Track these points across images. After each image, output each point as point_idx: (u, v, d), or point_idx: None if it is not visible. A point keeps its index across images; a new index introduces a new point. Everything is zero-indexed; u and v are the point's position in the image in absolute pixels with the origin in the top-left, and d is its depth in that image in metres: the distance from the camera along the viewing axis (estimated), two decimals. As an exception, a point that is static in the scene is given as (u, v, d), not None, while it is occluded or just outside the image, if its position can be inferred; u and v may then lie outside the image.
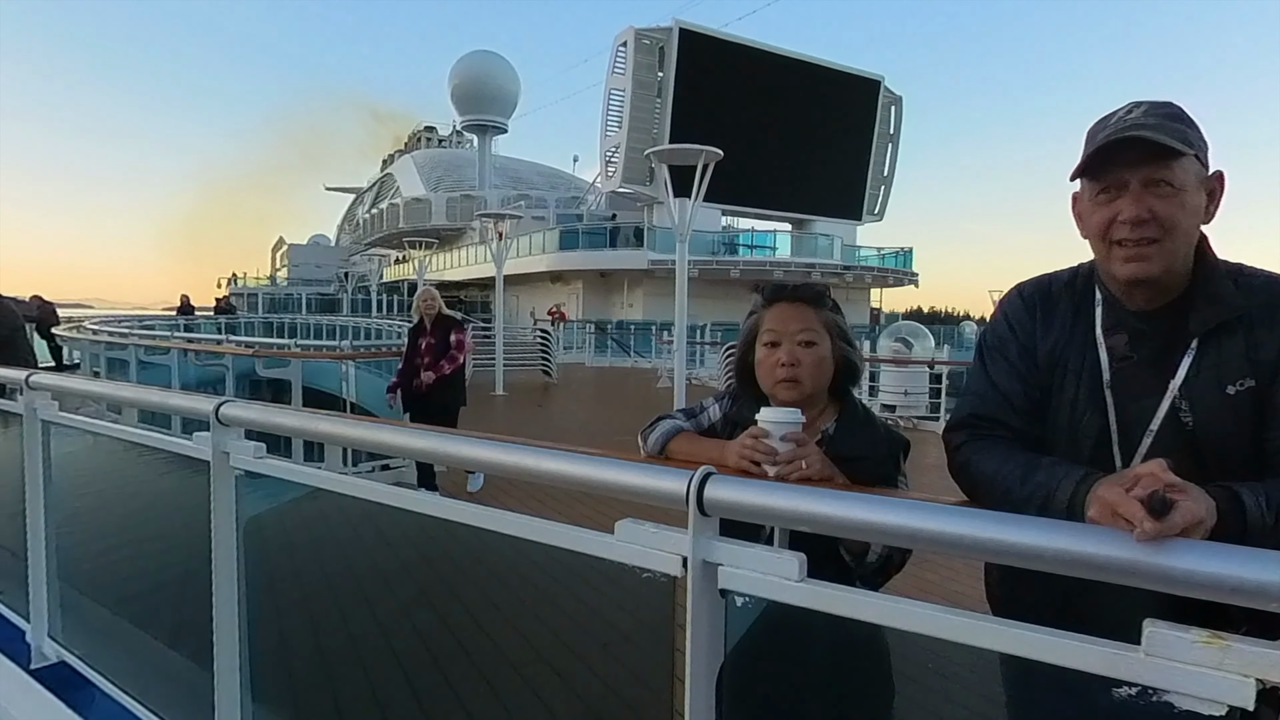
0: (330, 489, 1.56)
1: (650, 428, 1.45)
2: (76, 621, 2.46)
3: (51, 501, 2.47)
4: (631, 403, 12.92)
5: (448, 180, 45.56)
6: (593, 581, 1.08)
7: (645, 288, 27.63)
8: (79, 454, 2.56)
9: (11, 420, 2.70)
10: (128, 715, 2.06)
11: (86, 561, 2.54)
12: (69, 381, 2.62)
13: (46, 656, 2.44)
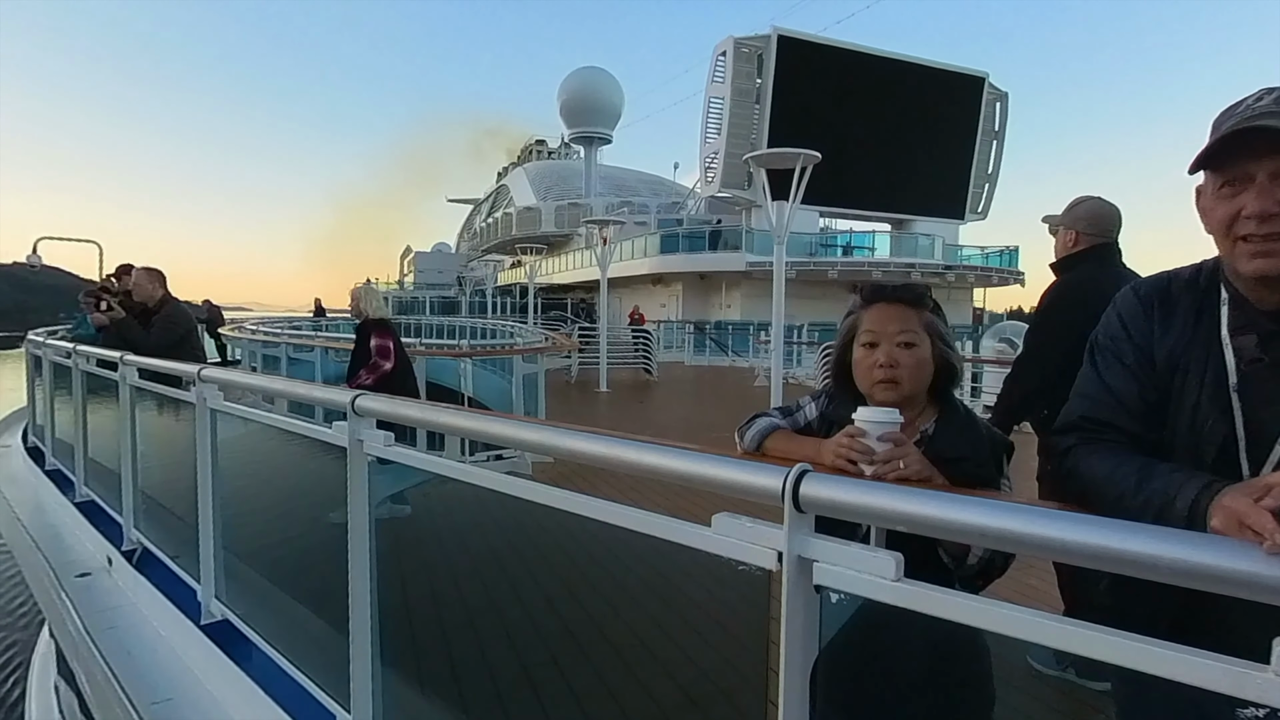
0: (450, 476, 1.62)
1: (747, 425, 1.43)
2: (237, 585, 2.64)
3: (217, 479, 2.68)
4: (729, 401, 12.83)
5: (556, 190, 46.61)
6: (689, 571, 1.07)
7: (743, 289, 27.34)
8: (239, 438, 2.76)
9: (184, 408, 2.95)
10: (276, 669, 2.21)
11: (245, 532, 2.72)
12: (232, 375, 2.84)
13: (213, 614, 2.64)
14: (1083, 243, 2.73)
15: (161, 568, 3.16)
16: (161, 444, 3.45)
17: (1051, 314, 2.71)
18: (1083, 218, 2.75)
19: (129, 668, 2.54)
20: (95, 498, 4.27)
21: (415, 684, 1.75)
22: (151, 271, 5.21)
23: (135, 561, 3.35)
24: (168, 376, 3.20)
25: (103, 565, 3.55)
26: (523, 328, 16.54)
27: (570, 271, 35.73)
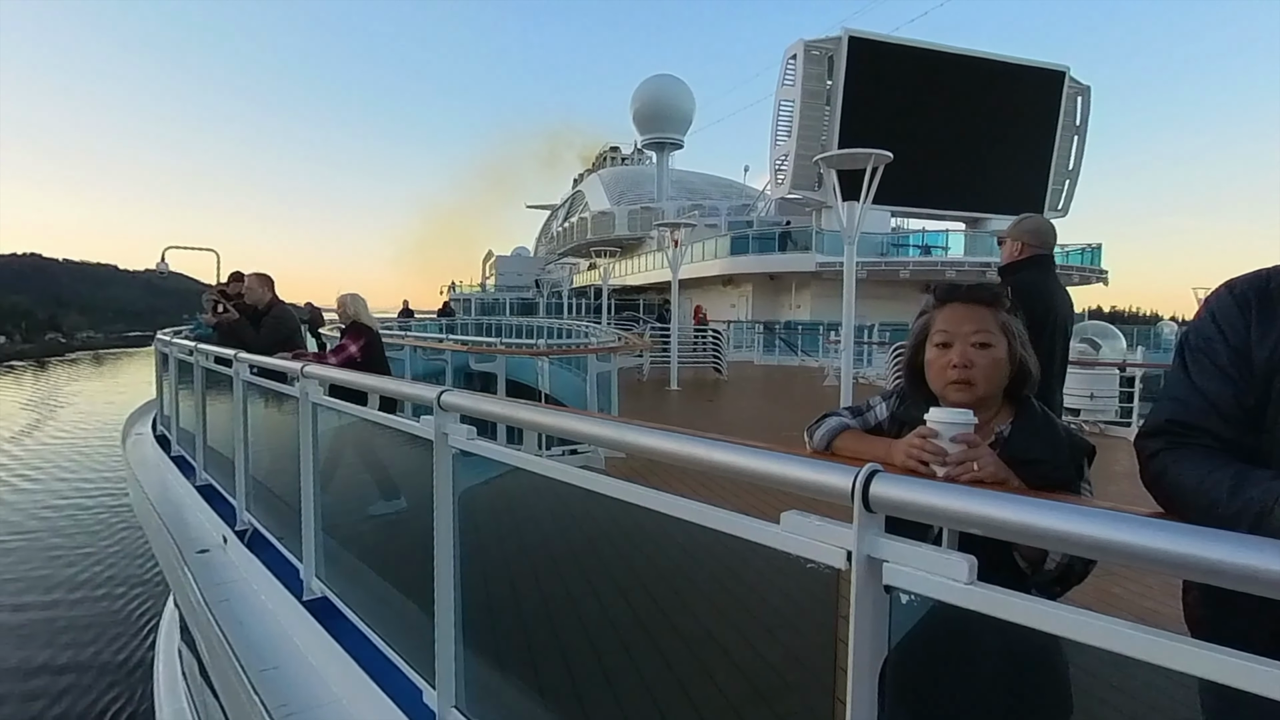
0: (528, 469, 1.65)
1: (816, 424, 1.39)
2: (335, 565, 2.75)
3: (317, 467, 2.81)
4: (798, 400, 12.61)
5: (630, 194, 46.87)
6: (758, 567, 1.06)
7: (813, 289, 26.79)
8: (337, 429, 2.88)
9: (288, 401, 3.10)
10: (369, 645, 2.30)
11: (341, 517, 2.84)
12: (330, 372, 2.96)
13: (314, 591, 2.76)
14: (1026, 252, 3.13)
15: (269, 547, 3.33)
16: (269, 434, 3.63)
17: None
18: (1027, 231, 3.15)
19: (241, 637, 2.68)
20: (213, 482, 4.54)
21: (495, 665, 1.79)
22: (261, 276, 5.52)
23: (247, 541, 3.54)
24: (274, 373, 3.38)
25: (219, 543, 3.77)
26: (597, 328, 16.72)
27: (642, 273, 35.90)
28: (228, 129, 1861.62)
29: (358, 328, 4.93)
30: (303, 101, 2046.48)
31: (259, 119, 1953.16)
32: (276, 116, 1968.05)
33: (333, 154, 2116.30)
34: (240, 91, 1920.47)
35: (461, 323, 25.23)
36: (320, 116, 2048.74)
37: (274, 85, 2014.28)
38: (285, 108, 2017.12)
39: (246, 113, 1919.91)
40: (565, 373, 8.67)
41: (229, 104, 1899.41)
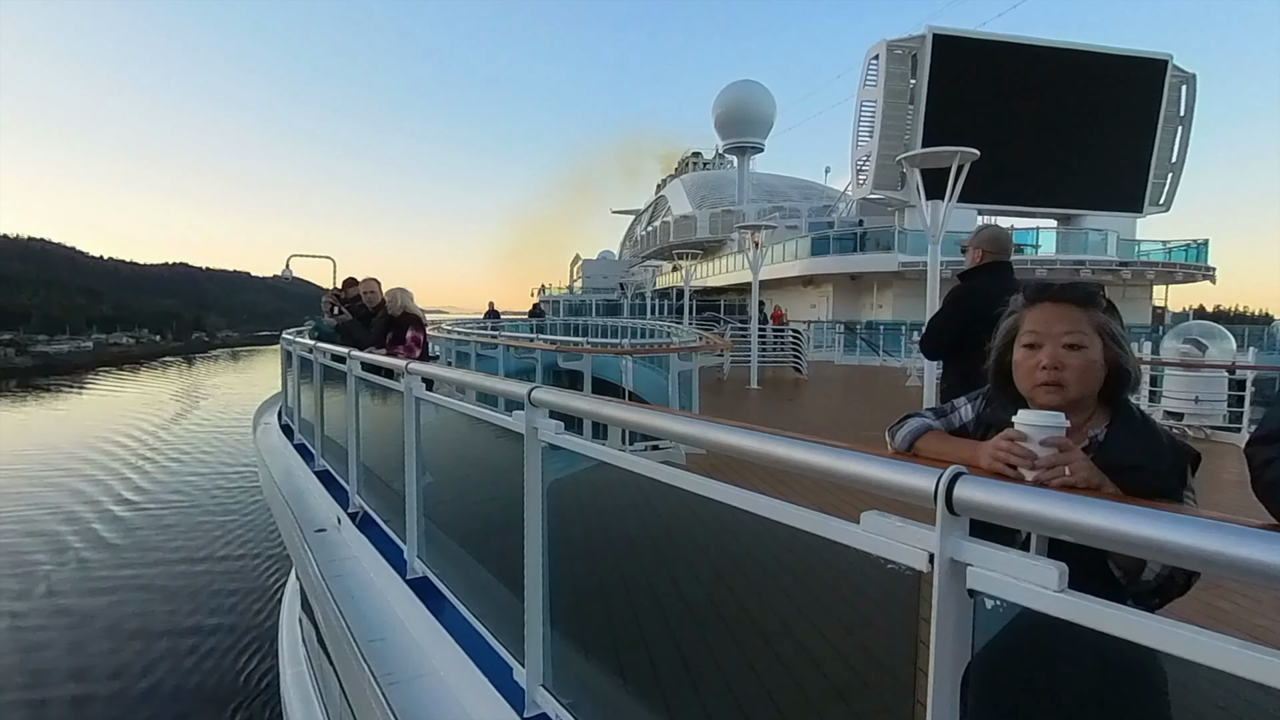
0: (612, 463, 1.66)
1: (898, 425, 1.34)
2: (435, 548, 2.85)
3: (420, 457, 2.92)
4: (879, 400, 12.19)
5: (711, 198, 46.61)
6: (836, 566, 1.03)
7: (895, 289, 25.83)
8: (437, 423, 2.99)
9: (394, 396, 3.25)
10: (465, 622, 2.38)
11: (440, 503, 2.94)
12: (431, 368, 3.08)
13: (416, 571, 2.87)
14: (985, 259, 3.37)
15: (377, 529, 3.49)
16: (377, 425, 3.81)
17: (949, 306, 3.36)
18: (986, 240, 3.44)
19: (352, 610, 2.83)
20: (329, 467, 4.81)
21: (580, 648, 1.81)
22: (373, 281, 5.84)
23: (358, 522, 3.71)
24: (383, 370, 3.55)
25: (334, 524, 3.98)
26: (678, 328, 16.71)
27: (723, 275, 35.63)
28: (342, 148, 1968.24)
29: (416, 319, 5.32)
30: (406, 121, 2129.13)
31: (368, 138, 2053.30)
32: (384, 136, 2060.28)
33: (435, 169, 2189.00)
34: (352, 114, 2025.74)
35: (550, 323, 25.74)
36: (423, 135, 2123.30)
37: (380, 107, 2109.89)
38: (392, 128, 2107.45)
39: (358, 133, 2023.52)
40: (648, 371, 8.70)
41: (343, 126, 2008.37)
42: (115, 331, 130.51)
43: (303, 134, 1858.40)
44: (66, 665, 10.27)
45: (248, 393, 42.37)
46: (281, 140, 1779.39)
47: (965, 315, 3.17)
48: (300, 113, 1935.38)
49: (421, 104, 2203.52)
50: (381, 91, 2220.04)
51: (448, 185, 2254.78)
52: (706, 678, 1.42)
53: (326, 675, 4.82)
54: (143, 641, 11.25)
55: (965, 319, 3.14)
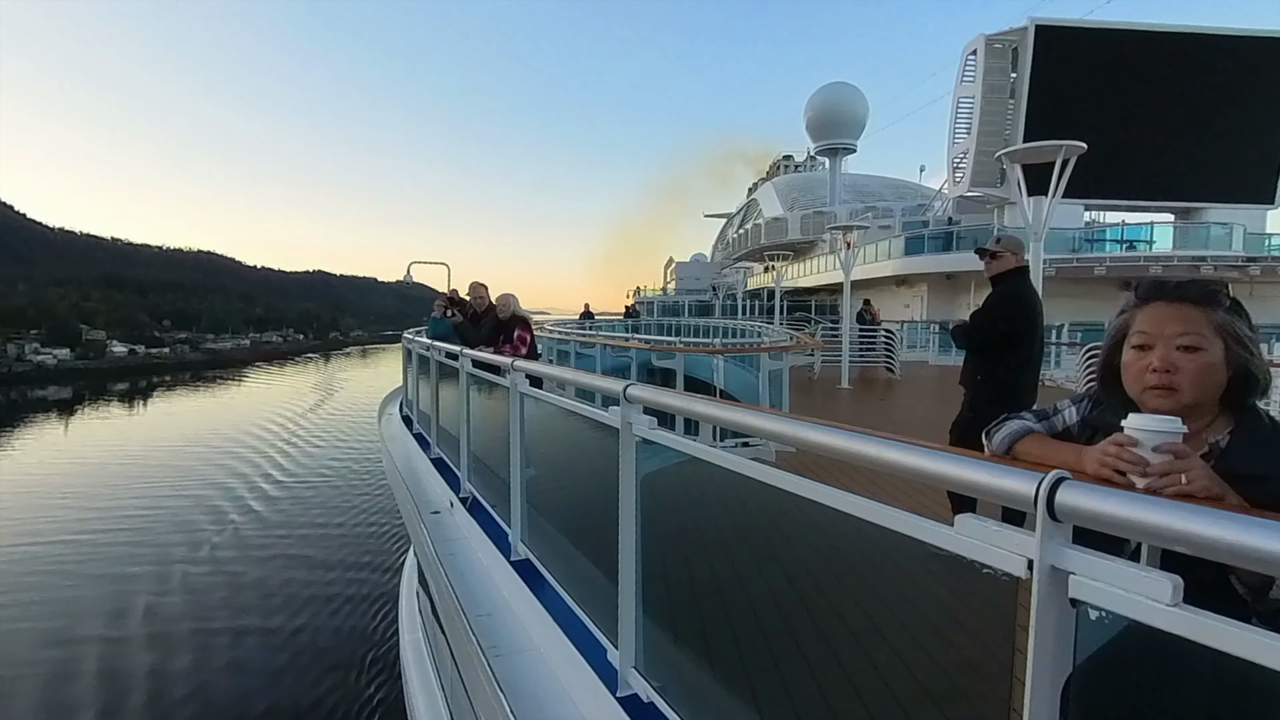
0: (703, 458, 1.65)
1: (996, 427, 1.25)
2: (537, 532, 2.94)
3: (523, 447, 3.01)
4: (976, 401, 11.49)
5: (802, 200, 45.46)
6: (929, 568, 0.98)
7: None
8: (539, 416, 3.08)
9: (500, 391, 3.36)
10: (563, 604, 2.43)
11: (541, 491, 3.02)
12: (534, 365, 3.17)
13: (519, 553, 2.96)
14: (1013, 263, 3.59)
15: (485, 513, 3.63)
16: (485, 418, 3.95)
17: (997, 307, 3.56)
18: (1014, 245, 3.65)
19: (463, 586, 2.95)
20: (443, 455, 5.04)
21: (670, 634, 1.82)
22: (482, 286, 6.09)
23: (468, 506, 3.86)
24: (491, 366, 3.69)
25: (447, 506, 4.17)
26: (769, 327, 16.42)
27: (815, 275, 34.64)
28: (456, 163, 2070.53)
29: (523, 321, 5.58)
30: (512, 136, 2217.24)
31: (479, 154, 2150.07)
32: (492, 151, 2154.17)
33: (538, 180, 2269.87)
34: (463, 132, 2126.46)
35: (645, 323, 25.89)
36: (527, 149, 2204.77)
37: (489, 124, 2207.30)
38: (499, 143, 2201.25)
39: (470, 150, 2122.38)
40: (739, 370, 8.60)
41: (456, 144, 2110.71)
42: (267, 331, 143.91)
43: (421, 152, 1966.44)
44: (225, 610, 12.26)
45: (374, 385, 45.56)
46: (403, 158, 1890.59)
47: (1011, 315, 3.52)
48: (418, 133, 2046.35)
49: (525, 120, 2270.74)
50: (490, 109, 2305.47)
51: (549, 195, 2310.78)
52: (793, 671, 1.39)
53: (439, 643, 5.07)
54: (287, 597, 12.99)
55: (1011, 318, 3.52)
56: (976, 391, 3.64)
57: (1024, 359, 3.53)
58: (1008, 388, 3.48)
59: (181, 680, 9.91)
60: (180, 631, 11.51)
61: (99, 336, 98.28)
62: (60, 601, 12.39)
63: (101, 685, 9.71)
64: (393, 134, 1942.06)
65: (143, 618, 11.84)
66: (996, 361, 3.54)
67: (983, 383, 3.60)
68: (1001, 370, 3.51)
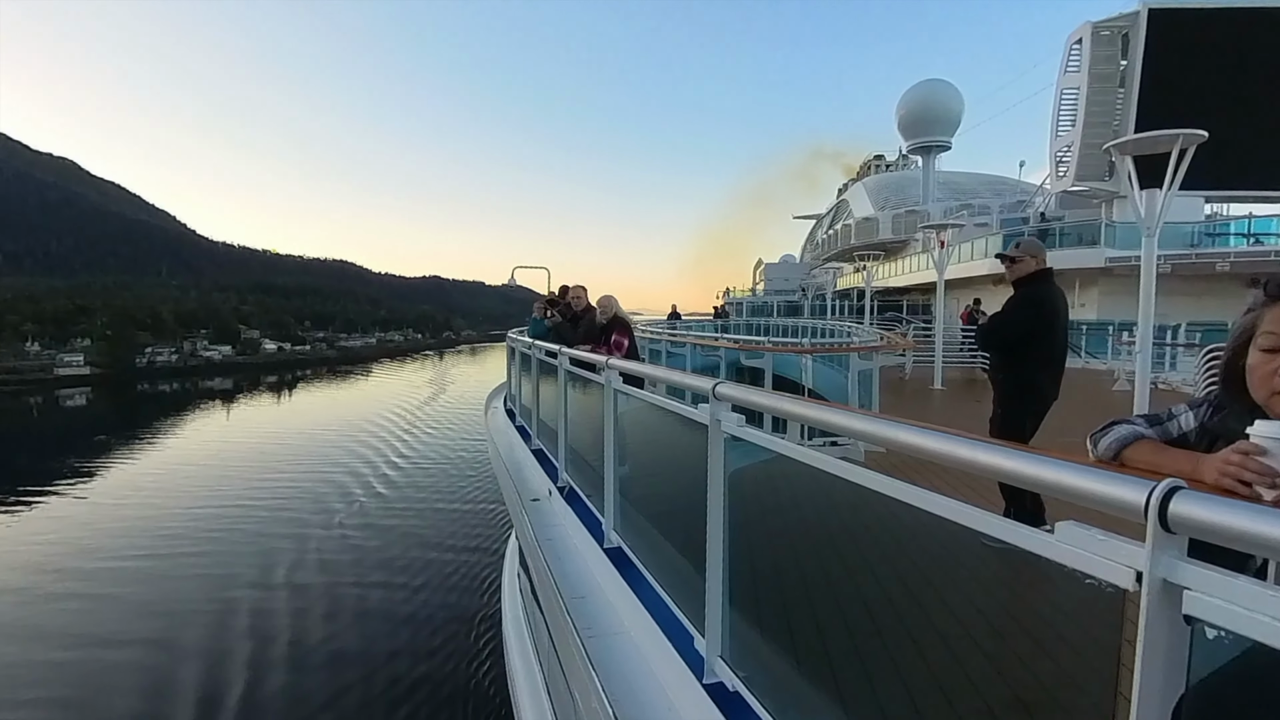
0: (791, 456, 1.62)
1: (1102, 431, 1.15)
2: (628, 522, 2.97)
3: (617, 441, 3.06)
4: (1079, 405, 10.51)
5: (894, 199, 43.37)
6: (1025, 575, 0.91)
7: (1101, 286, 21.98)
8: (631, 412, 3.11)
9: (595, 387, 3.43)
10: (652, 591, 2.45)
11: (633, 483, 3.05)
12: (627, 364, 3.21)
13: (612, 541, 3.00)
14: (1035, 267, 3.64)
15: (580, 502, 3.71)
16: (581, 413, 4.03)
17: (1023, 308, 3.61)
18: (1036, 248, 3.72)
19: (559, 570, 3.03)
20: (543, 447, 5.20)
21: (755, 626, 1.79)
22: (580, 288, 6.24)
23: (565, 495, 3.95)
24: (587, 364, 3.76)
25: (546, 495, 4.29)
26: (859, 328, 15.83)
27: (906, 275, 32.96)
28: (555, 172, 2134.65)
29: (621, 323, 5.57)
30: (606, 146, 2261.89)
31: (576, 163, 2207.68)
32: (588, 161, 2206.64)
33: (631, 187, 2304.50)
34: (562, 143, 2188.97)
35: (734, 323, 25.58)
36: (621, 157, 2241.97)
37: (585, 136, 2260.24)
38: (595, 153, 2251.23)
39: (568, 159, 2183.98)
40: (828, 369, 8.35)
41: (555, 154, 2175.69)
42: (390, 330, 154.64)
43: (524, 164, 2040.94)
44: (351, 574, 14.12)
45: (482, 380, 47.90)
46: (508, 171, 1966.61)
47: (1036, 316, 3.57)
48: (521, 147, 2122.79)
49: (619, 131, 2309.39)
50: (585, 121, 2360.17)
51: (642, 201, 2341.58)
52: (880, 671, 1.33)
53: (537, 621, 5.24)
54: (405, 566, 14.60)
55: (1035, 319, 3.57)
56: (1001, 389, 3.73)
57: (1045, 358, 3.61)
58: (1029, 385, 3.59)
59: (318, 625, 11.76)
60: (316, 585, 13.50)
61: (254, 335, 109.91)
62: (224, 555, 15.31)
63: (254, 625, 11.72)
64: (498, 149, 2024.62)
65: (285, 572, 14.16)
66: (1018, 360, 3.60)
67: (1005, 380, 3.69)
68: (1023, 368, 3.58)
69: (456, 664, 10.52)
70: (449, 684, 9.98)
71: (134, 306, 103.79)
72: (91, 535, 16.97)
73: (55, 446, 34.11)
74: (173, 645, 10.90)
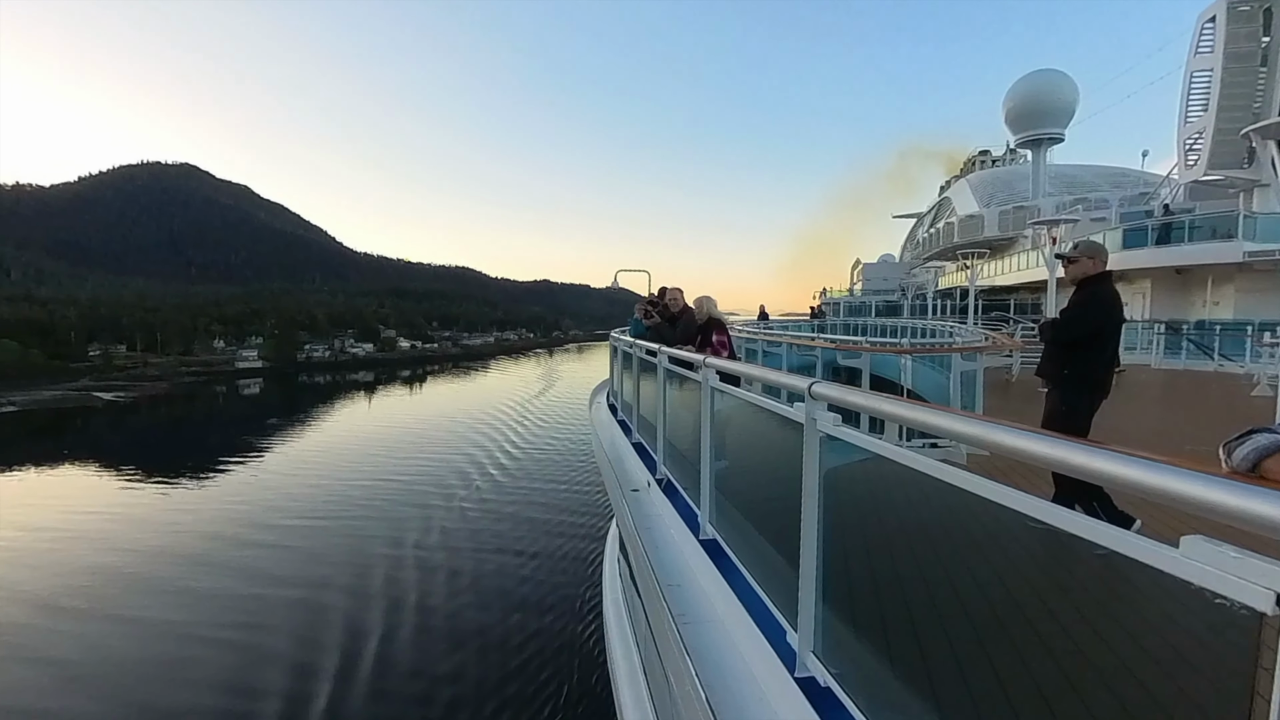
0: (888, 457, 1.55)
1: (1239, 440, 1.01)
2: (723, 515, 2.94)
3: (713, 437, 3.04)
4: (1211, 411, 9.25)
5: (1000, 195, 40.00)
6: (1145, 589, 0.82)
7: (1237, 283, 19.06)
8: (727, 409, 3.07)
9: (692, 385, 3.42)
10: (745, 583, 2.42)
11: (727, 477, 3.02)
12: (723, 363, 3.19)
13: (707, 533, 2.99)
14: (1093, 268, 3.69)
15: (678, 494, 3.71)
16: (679, 409, 4.04)
17: (1090, 307, 3.62)
18: (1097, 250, 3.75)
19: (657, 557, 3.05)
20: (642, 440, 5.26)
21: (849, 624, 1.73)
22: (678, 290, 6.25)
23: (663, 487, 3.98)
24: (685, 363, 3.77)
25: (644, 486, 4.34)
26: (962, 328, 14.80)
27: (1013, 273, 30.30)
28: (655, 180, 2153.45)
29: (719, 324, 5.51)
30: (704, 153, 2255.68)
31: (675, 169, 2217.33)
32: (687, 166, 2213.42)
33: (728, 192, 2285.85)
34: (662, 151, 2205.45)
35: (830, 323, 24.70)
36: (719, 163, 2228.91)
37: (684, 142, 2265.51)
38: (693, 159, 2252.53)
39: (667, 166, 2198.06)
40: (928, 370, 7.88)
41: (655, 161, 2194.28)
42: (506, 330, 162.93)
43: (625, 172, 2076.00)
44: (469, 546, 15.71)
45: (587, 377, 49.45)
46: (611, 179, 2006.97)
47: (1107, 314, 3.61)
48: (624, 156, 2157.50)
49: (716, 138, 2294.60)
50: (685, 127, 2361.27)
51: (739, 205, 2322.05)
52: (980, 680, 1.25)
53: (635, 606, 5.31)
54: (516, 542, 15.96)
55: (1106, 318, 3.61)
56: (1065, 385, 3.72)
57: (1108, 355, 3.67)
58: (1093, 381, 3.63)
59: (441, 587, 13.36)
60: (439, 554, 15.16)
61: (391, 334, 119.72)
62: (366, 521, 17.73)
63: (389, 578, 13.82)
64: (602, 159, 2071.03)
65: (415, 538, 16.18)
66: (1082, 357, 3.62)
67: (1070, 376, 3.67)
68: (1085, 365, 3.61)
69: (561, 637, 11.09)
70: (553, 654, 10.56)
71: (295, 310, 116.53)
72: (269, 499, 20.68)
73: (237, 427, 39.54)
74: (327, 587, 13.36)
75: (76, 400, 52.00)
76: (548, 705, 9.33)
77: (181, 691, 9.66)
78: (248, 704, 9.34)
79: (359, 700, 9.48)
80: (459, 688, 9.71)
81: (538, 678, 9.94)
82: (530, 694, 9.56)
